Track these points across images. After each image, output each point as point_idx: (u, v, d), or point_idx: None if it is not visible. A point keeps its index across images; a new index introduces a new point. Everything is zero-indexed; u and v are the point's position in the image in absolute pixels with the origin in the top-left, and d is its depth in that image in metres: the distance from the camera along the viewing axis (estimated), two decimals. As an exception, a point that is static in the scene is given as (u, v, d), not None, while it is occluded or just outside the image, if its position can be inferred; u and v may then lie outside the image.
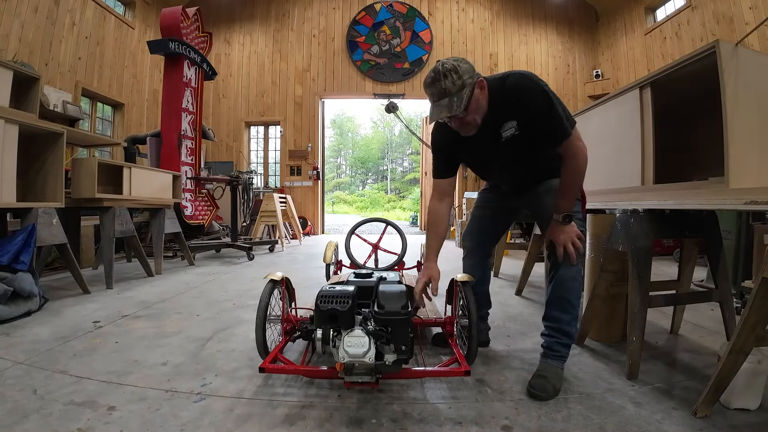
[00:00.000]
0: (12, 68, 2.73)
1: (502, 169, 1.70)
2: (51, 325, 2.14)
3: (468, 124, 1.47)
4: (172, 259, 4.68)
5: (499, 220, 1.92)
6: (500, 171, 1.73)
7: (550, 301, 1.57)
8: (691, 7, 6.26)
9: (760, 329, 1.18)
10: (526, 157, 1.58)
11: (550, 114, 1.41)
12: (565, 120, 1.43)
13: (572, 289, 1.52)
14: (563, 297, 1.52)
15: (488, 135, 1.52)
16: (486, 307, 1.99)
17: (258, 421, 1.23)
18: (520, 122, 1.46)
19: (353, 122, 35.62)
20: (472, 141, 1.54)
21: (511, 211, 1.91)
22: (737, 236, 2.94)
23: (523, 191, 1.73)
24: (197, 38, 5.41)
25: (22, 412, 1.24)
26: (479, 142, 1.55)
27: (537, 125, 1.44)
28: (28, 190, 2.74)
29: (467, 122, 1.46)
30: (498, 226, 1.95)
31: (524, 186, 1.71)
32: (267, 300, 1.58)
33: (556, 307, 1.54)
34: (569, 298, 1.52)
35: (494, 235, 1.94)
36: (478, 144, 1.57)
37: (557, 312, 1.53)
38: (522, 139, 1.49)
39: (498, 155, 1.59)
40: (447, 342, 1.74)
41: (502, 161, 1.63)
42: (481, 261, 1.91)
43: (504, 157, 1.60)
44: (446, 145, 1.69)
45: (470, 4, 8.68)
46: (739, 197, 1.20)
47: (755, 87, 1.57)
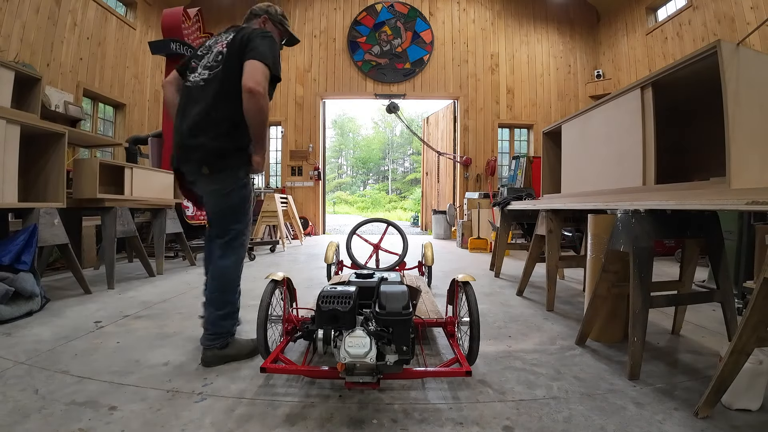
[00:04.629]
0: (13, 69, 2.74)
1: None
2: (52, 325, 2.15)
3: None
4: (174, 260, 4.69)
5: None
6: None
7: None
8: (692, 7, 6.25)
9: (761, 330, 1.18)
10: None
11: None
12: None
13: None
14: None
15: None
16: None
17: (259, 421, 1.23)
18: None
19: (354, 122, 35.62)
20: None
21: None
22: (739, 236, 2.94)
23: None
24: (199, 39, 5.41)
25: (23, 411, 1.24)
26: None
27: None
28: (29, 191, 2.75)
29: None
30: None
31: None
32: (268, 300, 1.58)
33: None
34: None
35: None
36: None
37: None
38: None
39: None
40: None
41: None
42: None
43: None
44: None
45: (471, 4, 8.68)
46: (741, 197, 1.20)
47: (757, 87, 1.56)
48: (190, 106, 1.69)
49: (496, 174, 8.49)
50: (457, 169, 8.61)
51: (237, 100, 1.57)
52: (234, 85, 1.58)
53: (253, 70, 1.54)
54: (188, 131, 1.66)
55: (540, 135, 4.98)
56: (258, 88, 1.52)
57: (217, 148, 1.62)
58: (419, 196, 11.77)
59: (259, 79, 1.54)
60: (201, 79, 1.68)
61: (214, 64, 1.67)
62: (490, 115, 8.61)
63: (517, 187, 6.12)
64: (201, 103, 1.65)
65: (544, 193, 3.30)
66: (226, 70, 1.63)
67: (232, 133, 1.63)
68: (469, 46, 8.61)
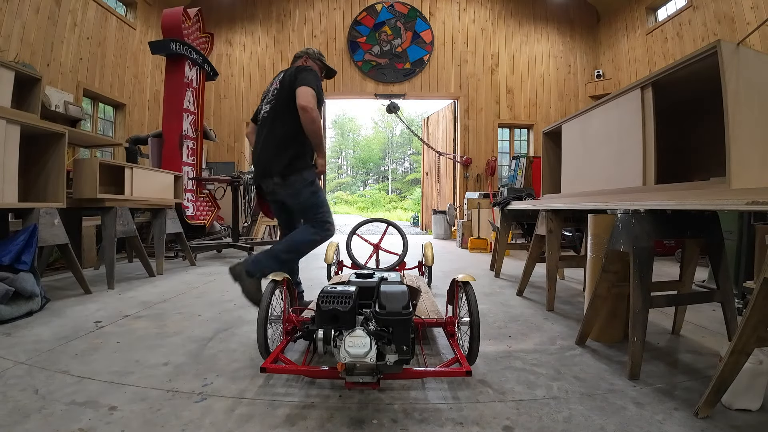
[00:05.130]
0: (13, 69, 2.74)
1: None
2: (52, 325, 2.15)
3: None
4: (174, 260, 4.69)
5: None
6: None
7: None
8: (692, 7, 6.25)
9: (761, 330, 1.18)
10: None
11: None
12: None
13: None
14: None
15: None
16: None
17: (259, 422, 1.23)
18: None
19: (354, 122, 35.63)
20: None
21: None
22: (739, 236, 2.94)
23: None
24: (199, 39, 5.42)
25: (23, 411, 1.24)
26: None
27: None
28: (29, 191, 2.75)
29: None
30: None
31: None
32: (268, 300, 1.59)
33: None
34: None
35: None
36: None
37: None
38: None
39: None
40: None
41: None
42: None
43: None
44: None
45: (471, 4, 8.68)
46: (741, 197, 1.20)
47: (757, 87, 1.56)
48: (260, 133, 2.20)
49: (496, 174, 8.49)
50: (457, 169, 8.61)
51: (291, 121, 2.05)
52: (288, 110, 2.06)
53: (303, 93, 1.98)
54: (260, 152, 2.16)
55: (540, 135, 4.98)
56: (308, 105, 1.96)
57: (282, 159, 2.07)
58: (419, 196, 11.77)
59: (309, 99, 1.97)
60: (265, 112, 2.19)
61: (272, 98, 2.16)
62: (490, 115, 8.61)
63: (517, 187, 6.12)
64: (266, 129, 2.15)
65: (544, 193, 3.30)
66: (281, 99, 2.10)
67: (291, 146, 2.08)
68: (469, 46, 8.61)
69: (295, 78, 2.05)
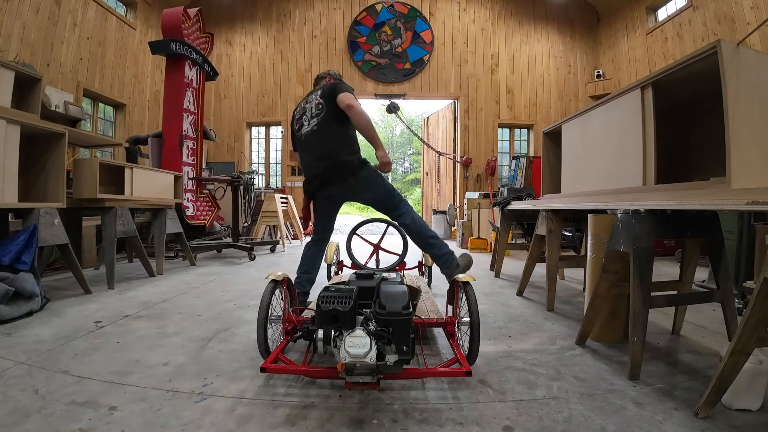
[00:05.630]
0: (13, 69, 2.74)
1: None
2: (52, 325, 2.15)
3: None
4: (174, 260, 4.69)
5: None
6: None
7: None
8: (692, 7, 6.25)
9: (761, 330, 1.18)
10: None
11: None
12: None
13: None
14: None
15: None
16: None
17: (259, 422, 1.23)
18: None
19: (354, 122, 35.60)
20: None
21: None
22: (739, 237, 2.93)
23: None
24: (199, 39, 5.42)
25: (23, 411, 1.24)
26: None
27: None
28: (29, 191, 2.75)
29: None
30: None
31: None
32: (268, 300, 1.58)
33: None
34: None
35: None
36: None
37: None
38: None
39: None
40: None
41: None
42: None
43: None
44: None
45: (471, 4, 8.68)
46: (741, 197, 1.20)
47: (757, 87, 1.56)
48: (314, 146, 2.28)
49: (496, 174, 8.49)
50: (457, 169, 8.61)
51: (341, 126, 2.23)
52: (336, 117, 2.22)
53: (345, 96, 2.18)
54: (319, 162, 2.25)
55: (540, 135, 4.98)
56: (353, 103, 2.16)
57: (346, 161, 2.21)
58: (419, 196, 11.76)
59: (351, 99, 2.18)
60: (314, 125, 2.28)
61: (318, 112, 2.29)
62: (490, 115, 8.61)
63: (517, 187, 6.12)
64: (320, 139, 2.25)
65: (544, 193, 3.30)
66: (328, 110, 2.25)
67: (349, 147, 2.25)
68: (469, 46, 8.61)
69: (334, 89, 2.26)
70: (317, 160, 2.26)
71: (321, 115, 2.27)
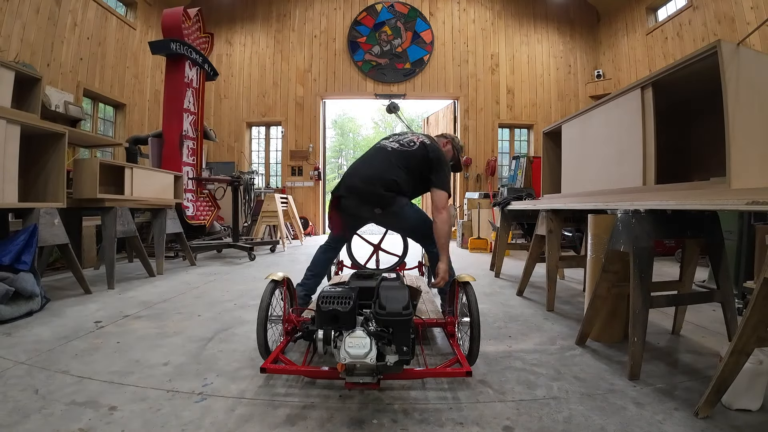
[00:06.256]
0: (14, 69, 2.74)
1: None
2: (52, 325, 2.15)
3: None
4: (174, 260, 4.69)
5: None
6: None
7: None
8: (692, 7, 6.25)
9: (761, 330, 1.18)
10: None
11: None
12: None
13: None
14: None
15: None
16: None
17: (259, 422, 1.23)
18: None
19: (354, 123, 35.57)
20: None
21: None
22: (739, 237, 2.93)
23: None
24: (199, 39, 5.42)
25: (23, 411, 1.24)
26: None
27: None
28: (29, 191, 2.75)
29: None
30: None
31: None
32: (268, 300, 1.58)
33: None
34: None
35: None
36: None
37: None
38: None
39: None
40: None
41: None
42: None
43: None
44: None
45: (471, 4, 8.68)
46: (741, 197, 1.20)
47: (757, 87, 1.56)
48: (379, 160, 2.14)
49: (496, 174, 8.49)
50: (457, 169, 8.59)
51: (408, 176, 2.09)
52: (411, 168, 2.10)
53: (442, 197, 2.08)
54: (367, 180, 2.08)
55: (540, 135, 4.98)
56: (446, 208, 2.05)
57: (384, 195, 2.05)
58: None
59: (445, 204, 2.07)
60: (390, 146, 2.17)
61: (405, 144, 2.17)
62: (490, 115, 8.61)
63: (517, 187, 6.12)
64: (388, 158, 2.12)
65: (544, 193, 3.29)
66: (409, 155, 2.12)
67: (395, 188, 2.07)
68: (469, 46, 8.61)
69: (437, 164, 2.11)
70: (364, 178, 2.09)
71: (403, 149, 2.12)
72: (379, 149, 2.20)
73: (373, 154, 2.21)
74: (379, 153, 2.18)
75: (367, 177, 2.08)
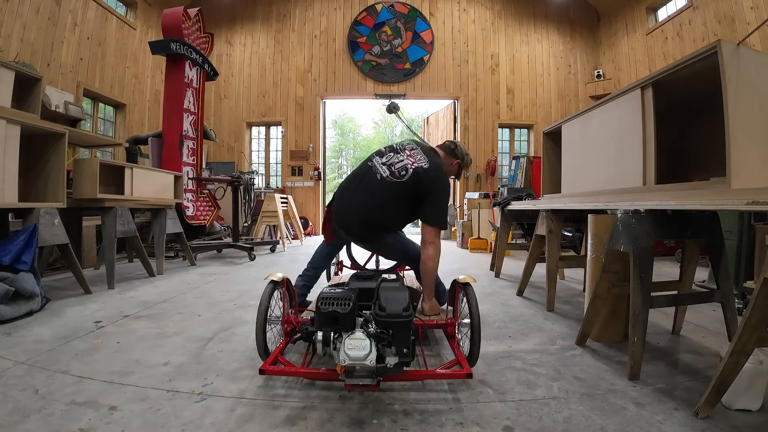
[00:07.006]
0: (14, 69, 2.74)
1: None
2: (52, 325, 2.15)
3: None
4: (174, 260, 4.69)
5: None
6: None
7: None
8: (692, 7, 6.25)
9: (761, 330, 1.18)
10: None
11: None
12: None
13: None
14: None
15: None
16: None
17: (259, 422, 1.23)
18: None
19: (354, 122, 35.55)
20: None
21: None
22: (739, 237, 2.93)
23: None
24: (199, 39, 5.42)
25: (23, 411, 1.24)
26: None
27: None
28: (29, 191, 2.75)
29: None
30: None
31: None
32: (267, 303, 1.58)
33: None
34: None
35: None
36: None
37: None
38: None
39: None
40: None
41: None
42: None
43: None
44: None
45: (471, 4, 8.68)
46: (741, 197, 1.20)
47: (757, 87, 1.56)
48: (365, 188, 1.99)
49: (496, 174, 8.49)
50: (457, 169, 8.59)
51: (397, 209, 1.97)
52: (400, 201, 1.95)
53: (433, 232, 1.93)
54: (356, 208, 1.98)
55: (540, 135, 4.98)
56: (435, 244, 1.93)
57: (367, 234, 2.01)
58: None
59: (433, 238, 1.93)
60: (382, 175, 1.96)
61: (396, 174, 1.95)
62: (490, 115, 8.61)
63: (517, 187, 6.12)
64: (373, 193, 1.95)
65: (544, 193, 3.29)
66: (402, 190, 1.93)
67: (380, 226, 2.00)
68: (469, 46, 8.61)
69: (430, 191, 1.93)
70: (350, 213, 1.99)
71: (395, 179, 1.93)
72: (370, 175, 1.99)
73: (363, 180, 2.01)
74: (368, 181, 1.99)
75: (352, 212, 1.98)
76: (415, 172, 1.93)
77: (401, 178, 1.93)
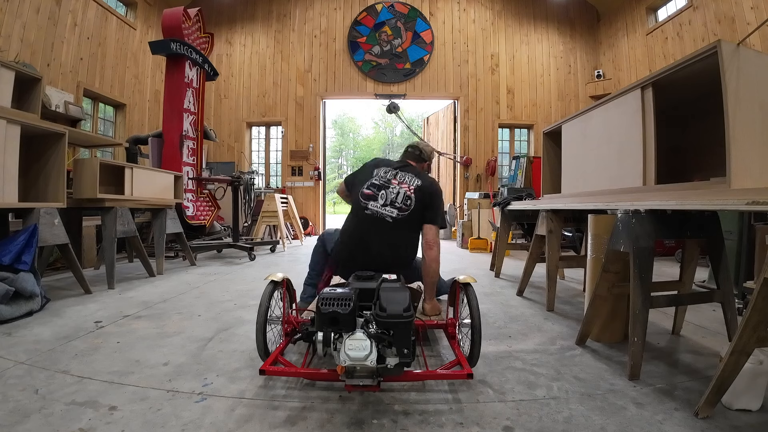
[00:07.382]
0: (14, 69, 2.74)
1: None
2: (53, 325, 2.15)
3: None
4: (174, 260, 4.69)
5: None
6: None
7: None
8: (692, 7, 6.25)
9: (761, 330, 1.18)
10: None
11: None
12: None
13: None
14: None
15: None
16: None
17: (259, 422, 1.23)
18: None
19: (354, 123, 35.58)
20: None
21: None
22: (739, 237, 2.93)
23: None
24: (199, 39, 5.41)
25: (23, 411, 1.24)
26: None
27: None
28: (30, 191, 2.75)
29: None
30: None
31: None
32: (267, 303, 1.58)
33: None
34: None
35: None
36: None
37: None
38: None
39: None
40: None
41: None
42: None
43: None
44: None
45: (471, 4, 8.68)
46: (741, 198, 1.20)
47: (757, 87, 1.56)
48: (376, 234, 1.96)
49: (496, 174, 8.49)
50: (457, 169, 8.60)
51: (416, 234, 2.03)
52: (416, 227, 2.00)
53: (433, 232, 1.98)
54: (376, 257, 1.95)
55: (540, 135, 4.98)
56: (436, 245, 1.97)
57: (391, 263, 2.01)
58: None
59: (435, 238, 1.98)
60: (389, 216, 1.96)
61: (404, 207, 1.97)
62: (491, 115, 8.61)
63: (517, 187, 6.11)
64: (388, 237, 1.96)
65: (544, 193, 3.29)
66: (415, 216, 1.97)
67: (414, 252, 2.07)
68: (470, 46, 8.60)
69: (431, 201, 1.98)
70: (375, 252, 1.95)
71: (404, 213, 1.94)
72: (379, 223, 1.95)
73: (372, 234, 1.96)
74: (380, 230, 1.95)
75: (383, 264, 1.95)
76: (416, 194, 1.98)
77: (410, 207, 1.96)
